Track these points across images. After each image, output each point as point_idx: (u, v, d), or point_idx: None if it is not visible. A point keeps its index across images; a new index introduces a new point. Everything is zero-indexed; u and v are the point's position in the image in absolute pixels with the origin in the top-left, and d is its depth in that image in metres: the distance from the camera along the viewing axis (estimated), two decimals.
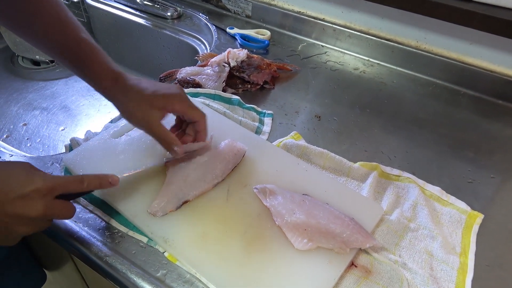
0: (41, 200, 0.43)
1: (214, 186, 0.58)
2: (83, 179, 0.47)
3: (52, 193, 0.44)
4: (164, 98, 0.55)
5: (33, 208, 0.42)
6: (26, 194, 0.42)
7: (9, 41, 1.15)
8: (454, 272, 0.53)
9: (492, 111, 0.83)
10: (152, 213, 0.54)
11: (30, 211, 0.42)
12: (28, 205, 0.42)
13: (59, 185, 0.45)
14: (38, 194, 0.43)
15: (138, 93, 0.55)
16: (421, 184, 0.65)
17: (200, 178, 0.58)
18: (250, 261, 0.50)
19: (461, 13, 0.78)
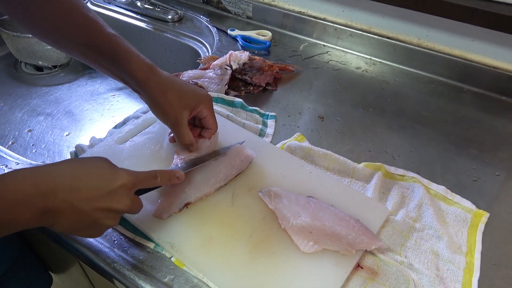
0: (127, 194, 0.46)
1: (216, 190, 0.59)
2: (156, 174, 0.50)
3: (135, 187, 0.47)
4: (197, 101, 0.58)
5: (121, 202, 0.45)
6: (115, 190, 0.44)
7: (12, 47, 1.15)
8: (461, 272, 0.53)
9: (496, 107, 0.83)
10: (158, 215, 0.54)
11: (119, 205, 0.45)
12: (117, 199, 0.45)
13: (139, 180, 0.47)
14: (125, 189, 0.45)
15: (173, 89, 0.56)
16: (426, 183, 0.65)
17: (203, 181, 0.58)
18: (256, 264, 0.50)
19: (463, 9, 0.77)
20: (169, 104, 0.56)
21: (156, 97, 0.57)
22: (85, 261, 0.55)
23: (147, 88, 0.56)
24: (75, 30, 0.56)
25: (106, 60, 0.57)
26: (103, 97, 1.18)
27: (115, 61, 0.56)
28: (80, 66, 1.28)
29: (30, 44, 1.12)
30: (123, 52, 0.56)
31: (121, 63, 0.56)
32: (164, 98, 0.56)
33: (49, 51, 1.16)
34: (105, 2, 1.17)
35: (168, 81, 0.57)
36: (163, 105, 0.57)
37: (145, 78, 0.56)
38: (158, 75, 0.57)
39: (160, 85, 0.56)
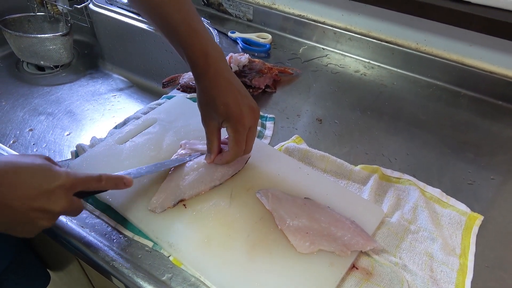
0: (64, 196, 0.44)
1: (211, 189, 0.59)
2: (101, 177, 0.49)
3: (74, 189, 0.46)
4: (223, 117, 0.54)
5: (58, 203, 0.44)
6: (51, 190, 0.43)
7: (14, 47, 1.16)
8: (454, 273, 0.54)
9: (493, 112, 0.84)
10: (151, 209, 0.56)
11: (55, 206, 0.44)
12: (53, 200, 0.43)
13: (80, 182, 0.46)
14: (62, 190, 0.44)
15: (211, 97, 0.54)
16: (422, 186, 0.65)
17: (198, 179, 0.59)
18: (253, 264, 0.51)
19: (460, 15, 0.78)
20: (202, 109, 0.56)
21: (199, 97, 0.56)
22: (84, 259, 0.56)
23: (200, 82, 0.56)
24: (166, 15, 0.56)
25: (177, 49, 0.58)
26: (104, 98, 1.19)
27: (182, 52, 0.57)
28: (82, 66, 1.29)
29: (32, 44, 1.13)
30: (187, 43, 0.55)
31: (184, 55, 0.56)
32: (201, 100, 0.56)
33: (51, 51, 1.17)
34: (107, 3, 1.18)
35: (212, 85, 0.55)
36: (200, 106, 0.57)
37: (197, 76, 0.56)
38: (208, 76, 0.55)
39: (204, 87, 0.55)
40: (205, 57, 0.55)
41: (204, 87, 0.55)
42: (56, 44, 1.16)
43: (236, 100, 0.54)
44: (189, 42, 0.55)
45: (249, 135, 0.57)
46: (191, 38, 0.55)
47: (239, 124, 0.55)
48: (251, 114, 0.56)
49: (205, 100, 0.55)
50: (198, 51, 0.55)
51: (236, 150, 0.57)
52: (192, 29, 0.55)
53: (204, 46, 0.55)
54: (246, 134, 0.56)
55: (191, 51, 0.55)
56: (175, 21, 0.55)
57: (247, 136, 0.57)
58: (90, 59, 1.32)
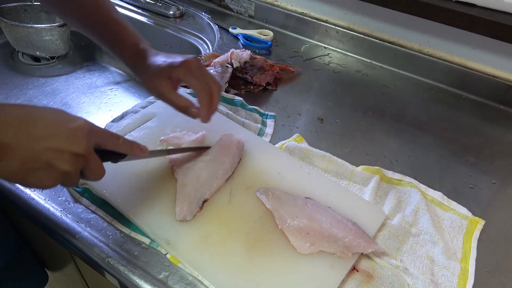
0: (84, 139, 0.42)
1: (226, 181, 0.59)
2: (119, 136, 0.48)
3: (93, 136, 0.43)
4: (170, 68, 0.55)
5: (77, 143, 0.41)
6: (70, 130, 0.41)
7: (9, 36, 1.14)
8: (455, 278, 0.53)
9: (494, 115, 0.84)
10: (182, 219, 0.54)
11: (75, 146, 0.41)
12: (72, 140, 0.41)
13: (98, 132, 0.44)
14: (81, 132, 0.42)
15: (152, 66, 0.57)
16: (423, 189, 0.65)
17: (212, 175, 0.58)
18: (252, 264, 0.50)
19: (465, 17, 0.78)
20: (150, 80, 0.57)
21: (143, 79, 0.59)
22: (80, 256, 0.54)
23: (135, 72, 0.60)
24: (83, 12, 0.61)
25: (105, 45, 0.63)
26: (100, 90, 1.17)
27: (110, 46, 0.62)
28: (78, 58, 1.27)
29: (28, 34, 1.11)
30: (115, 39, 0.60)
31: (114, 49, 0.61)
32: (146, 77, 0.57)
33: (47, 42, 1.14)
34: None
35: (150, 61, 0.57)
36: (147, 84, 0.58)
37: (132, 63, 0.60)
38: (143, 58, 0.58)
39: (144, 67, 0.58)
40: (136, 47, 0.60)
41: (143, 69, 0.58)
42: (53, 34, 1.14)
43: (172, 55, 0.57)
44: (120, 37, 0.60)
45: (203, 72, 0.56)
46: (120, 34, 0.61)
47: (186, 63, 0.55)
48: (193, 58, 0.56)
49: (149, 76, 0.57)
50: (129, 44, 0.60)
51: (202, 84, 0.55)
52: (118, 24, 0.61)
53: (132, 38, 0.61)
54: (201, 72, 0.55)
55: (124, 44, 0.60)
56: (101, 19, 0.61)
57: (202, 74, 0.55)
58: (87, 51, 1.30)
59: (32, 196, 0.57)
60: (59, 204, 0.57)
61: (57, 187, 0.59)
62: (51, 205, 0.57)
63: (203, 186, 0.56)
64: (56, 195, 0.58)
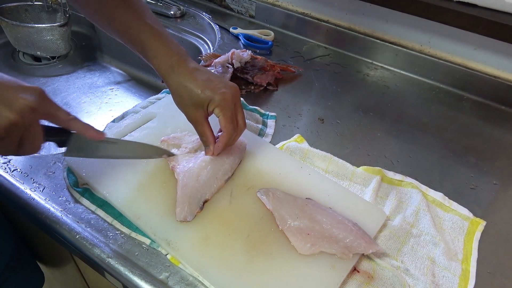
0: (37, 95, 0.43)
1: (226, 182, 0.59)
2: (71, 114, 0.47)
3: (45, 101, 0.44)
4: (208, 100, 0.54)
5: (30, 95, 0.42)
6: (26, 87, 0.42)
7: (10, 36, 1.14)
8: (456, 279, 0.53)
9: (496, 116, 0.83)
10: (182, 219, 0.54)
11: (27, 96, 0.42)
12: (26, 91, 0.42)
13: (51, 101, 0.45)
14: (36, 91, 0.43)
15: (189, 91, 0.55)
16: (424, 189, 0.65)
17: (211, 176, 0.58)
18: (253, 264, 0.50)
19: (467, 18, 0.78)
20: (184, 104, 0.56)
21: (176, 95, 0.56)
22: (80, 256, 0.54)
23: (168, 84, 0.57)
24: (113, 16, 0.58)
25: (138, 52, 0.59)
26: (101, 90, 1.17)
27: (143, 55, 0.58)
28: (79, 58, 1.27)
29: (29, 34, 1.11)
30: (147, 46, 0.56)
31: (147, 57, 0.58)
32: (179, 97, 0.56)
33: (48, 42, 1.14)
34: None
35: (186, 79, 0.55)
36: (181, 105, 0.57)
37: (166, 74, 0.56)
38: (177, 71, 0.55)
39: (178, 84, 0.55)
40: (171, 56, 0.56)
41: (178, 83, 0.55)
42: (54, 34, 1.14)
43: (212, 82, 0.55)
44: (154, 45, 0.56)
45: (237, 110, 0.57)
46: (155, 41, 0.56)
47: (224, 101, 0.54)
48: (232, 89, 0.56)
49: (184, 95, 0.55)
50: (164, 52, 0.56)
51: (229, 128, 0.56)
52: (154, 32, 0.57)
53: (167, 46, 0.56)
54: (235, 111, 0.56)
55: (158, 53, 0.56)
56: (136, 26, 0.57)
57: (236, 112, 0.56)
58: (87, 51, 1.30)
59: (33, 196, 0.57)
60: (60, 204, 0.57)
61: (57, 187, 0.59)
62: (51, 205, 0.56)
63: (203, 186, 0.56)
64: (56, 195, 0.58)
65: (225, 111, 0.55)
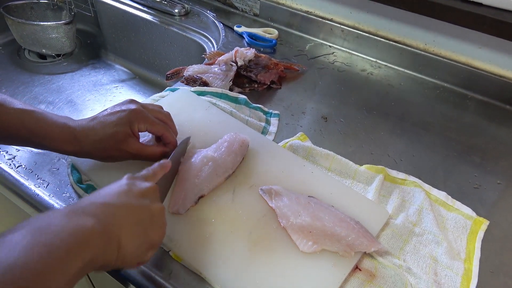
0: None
1: (226, 179, 0.59)
2: None
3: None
4: (127, 124, 0.53)
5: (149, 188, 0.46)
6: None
7: (16, 34, 1.15)
8: (459, 278, 0.53)
9: (500, 116, 0.83)
10: (174, 211, 0.54)
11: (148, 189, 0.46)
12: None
13: None
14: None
15: (100, 136, 0.53)
16: (427, 188, 0.64)
17: (212, 172, 0.58)
18: (255, 262, 0.50)
19: (472, 16, 0.77)
20: (111, 151, 0.54)
21: (97, 155, 0.55)
22: None
23: (82, 154, 0.54)
24: None
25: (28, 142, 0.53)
26: (105, 88, 1.18)
27: (36, 143, 0.52)
28: (84, 56, 1.27)
29: (35, 32, 1.12)
30: (38, 132, 0.51)
31: (41, 143, 0.52)
32: (103, 151, 0.54)
33: (53, 40, 1.15)
34: None
35: (90, 133, 0.53)
36: (109, 155, 0.55)
37: (71, 148, 0.53)
38: (79, 136, 0.52)
39: (92, 142, 0.53)
40: (67, 129, 0.52)
41: (93, 141, 0.53)
42: (59, 32, 1.14)
43: (112, 110, 0.55)
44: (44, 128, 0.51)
45: (150, 111, 0.58)
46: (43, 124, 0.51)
47: (137, 113, 0.55)
48: (130, 102, 0.57)
49: (103, 146, 0.53)
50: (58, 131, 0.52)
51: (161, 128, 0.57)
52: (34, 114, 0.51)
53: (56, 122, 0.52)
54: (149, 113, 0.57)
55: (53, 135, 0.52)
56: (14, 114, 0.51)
57: (151, 113, 0.57)
58: (92, 49, 1.30)
59: (37, 192, 0.58)
60: (64, 200, 0.57)
61: (61, 183, 0.59)
62: (55, 201, 0.57)
63: (202, 182, 0.57)
64: (60, 191, 0.58)
65: (146, 119, 0.55)
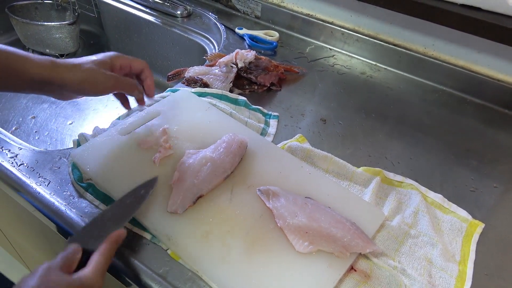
0: None
1: (224, 179, 0.60)
2: None
3: None
4: (109, 57, 0.60)
5: None
6: None
7: (20, 34, 1.16)
8: (453, 280, 0.54)
9: (498, 120, 0.83)
10: (173, 211, 0.55)
11: None
12: None
13: None
14: None
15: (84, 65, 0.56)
16: (424, 191, 0.65)
17: (211, 173, 0.59)
18: (251, 261, 0.51)
19: (471, 21, 0.78)
20: (89, 77, 0.56)
21: (73, 81, 0.55)
22: None
23: (55, 80, 0.54)
24: None
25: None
26: None
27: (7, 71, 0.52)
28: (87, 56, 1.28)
29: (39, 32, 1.13)
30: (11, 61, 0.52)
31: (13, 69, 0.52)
32: (80, 76, 0.56)
33: (57, 40, 1.16)
34: None
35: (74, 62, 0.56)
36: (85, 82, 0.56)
37: (48, 72, 0.53)
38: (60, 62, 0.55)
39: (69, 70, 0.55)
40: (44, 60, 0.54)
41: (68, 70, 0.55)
42: (63, 32, 1.16)
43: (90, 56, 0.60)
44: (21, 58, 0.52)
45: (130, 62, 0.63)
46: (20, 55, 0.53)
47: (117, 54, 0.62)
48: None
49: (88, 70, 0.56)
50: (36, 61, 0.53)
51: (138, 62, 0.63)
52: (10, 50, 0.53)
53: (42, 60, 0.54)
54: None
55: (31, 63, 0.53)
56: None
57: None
58: (96, 49, 1.31)
59: (38, 190, 0.59)
60: (64, 198, 0.58)
61: (62, 181, 0.60)
62: (56, 199, 0.58)
63: (201, 182, 0.57)
64: (61, 189, 0.59)
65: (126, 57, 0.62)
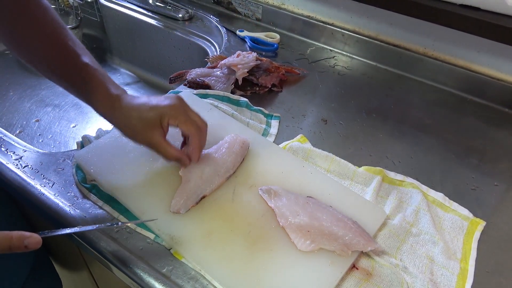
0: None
1: (226, 179, 0.60)
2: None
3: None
4: (159, 117, 0.54)
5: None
6: None
7: None
8: (454, 277, 0.54)
9: (499, 119, 0.84)
10: (176, 211, 0.56)
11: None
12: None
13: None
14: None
15: (136, 115, 0.54)
16: (425, 189, 0.65)
17: (213, 173, 0.60)
18: (254, 260, 0.51)
19: (470, 21, 0.78)
20: (138, 132, 0.55)
21: (123, 127, 0.56)
22: (85, 249, 0.56)
23: (111, 120, 0.56)
24: (51, 56, 0.56)
25: (74, 91, 0.58)
26: None
27: (81, 94, 0.57)
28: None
29: None
30: (87, 86, 0.55)
31: (85, 97, 0.56)
32: (131, 129, 0.55)
33: None
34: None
35: (128, 107, 0.55)
36: (135, 135, 0.56)
37: (108, 112, 0.56)
38: (118, 105, 0.55)
39: (122, 115, 0.55)
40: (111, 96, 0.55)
41: (124, 116, 0.55)
42: None
43: (154, 100, 0.56)
44: (94, 86, 0.55)
45: (190, 113, 0.57)
46: (94, 82, 0.55)
47: (174, 109, 0.55)
48: (176, 98, 0.57)
49: (135, 123, 0.55)
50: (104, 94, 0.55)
51: (192, 129, 0.56)
52: (92, 72, 0.56)
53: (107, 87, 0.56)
54: (188, 114, 0.56)
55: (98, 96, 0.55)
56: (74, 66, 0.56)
57: (190, 115, 0.57)
58: (98, 53, 1.33)
59: (42, 192, 0.60)
60: (68, 199, 0.59)
61: (66, 183, 0.61)
62: (60, 200, 0.59)
63: (205, 183, 0.58)
64: (65, 191, 0.60)
65: (180, 117, 0.55)
